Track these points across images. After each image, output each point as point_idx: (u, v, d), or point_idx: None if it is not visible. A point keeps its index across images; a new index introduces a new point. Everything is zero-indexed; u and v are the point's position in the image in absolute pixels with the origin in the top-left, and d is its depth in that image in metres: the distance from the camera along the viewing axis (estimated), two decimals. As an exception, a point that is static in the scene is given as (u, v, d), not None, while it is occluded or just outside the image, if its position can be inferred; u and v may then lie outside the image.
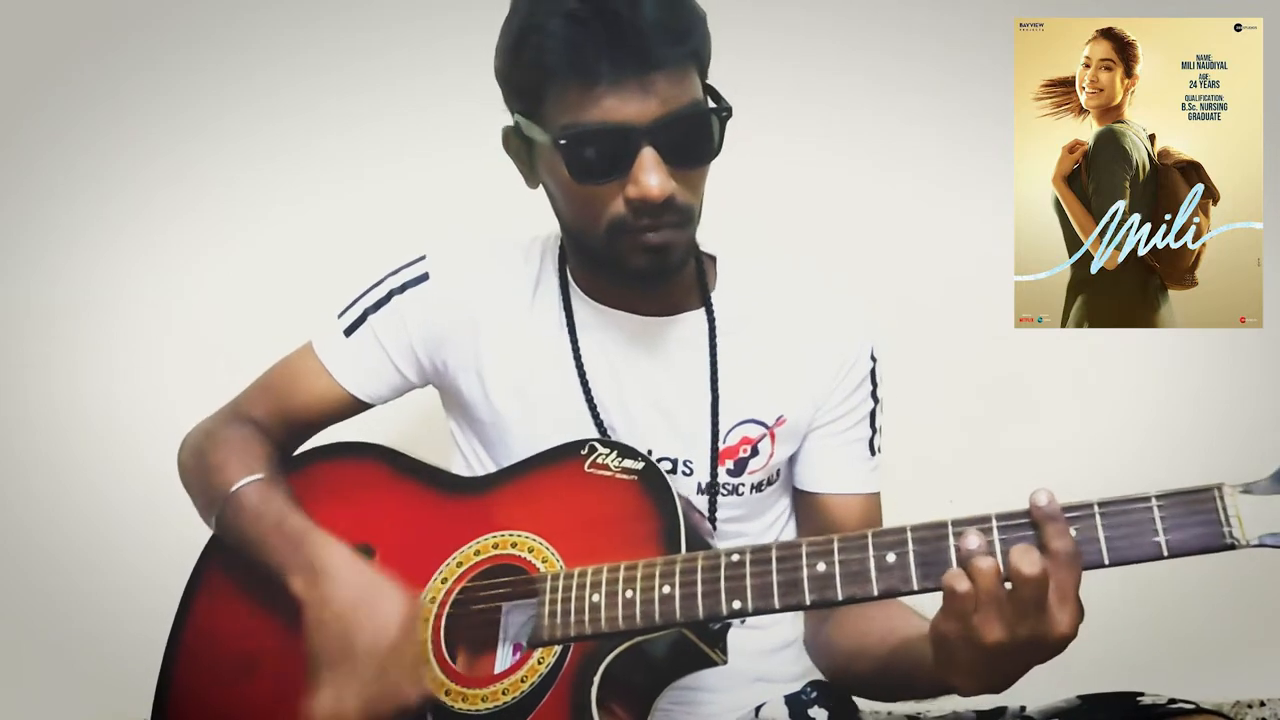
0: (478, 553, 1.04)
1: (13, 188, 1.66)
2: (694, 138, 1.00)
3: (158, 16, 1.64)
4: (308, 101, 1.65)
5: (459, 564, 1.04)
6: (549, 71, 0.97)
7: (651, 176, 0.97)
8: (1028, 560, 0.79)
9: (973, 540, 0.80)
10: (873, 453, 1.18)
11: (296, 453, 1.21)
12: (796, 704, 1.14)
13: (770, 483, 1.17)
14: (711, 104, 1.03)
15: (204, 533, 1.18)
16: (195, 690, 1.11)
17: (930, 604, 0.86)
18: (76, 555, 1.68)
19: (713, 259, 1.19)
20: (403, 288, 1.17)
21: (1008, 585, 0.79)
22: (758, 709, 1.15)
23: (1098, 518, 0.80)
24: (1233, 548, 0.78)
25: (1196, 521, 0.78)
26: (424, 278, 1.17)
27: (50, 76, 1.65)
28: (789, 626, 1.21)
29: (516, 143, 1.09)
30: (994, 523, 0.82)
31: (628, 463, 1.01)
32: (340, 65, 1.64)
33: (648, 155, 0.97)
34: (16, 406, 1.68)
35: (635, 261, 1.03)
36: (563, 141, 0.98)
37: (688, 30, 0.99)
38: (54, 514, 1.68)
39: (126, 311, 1.68)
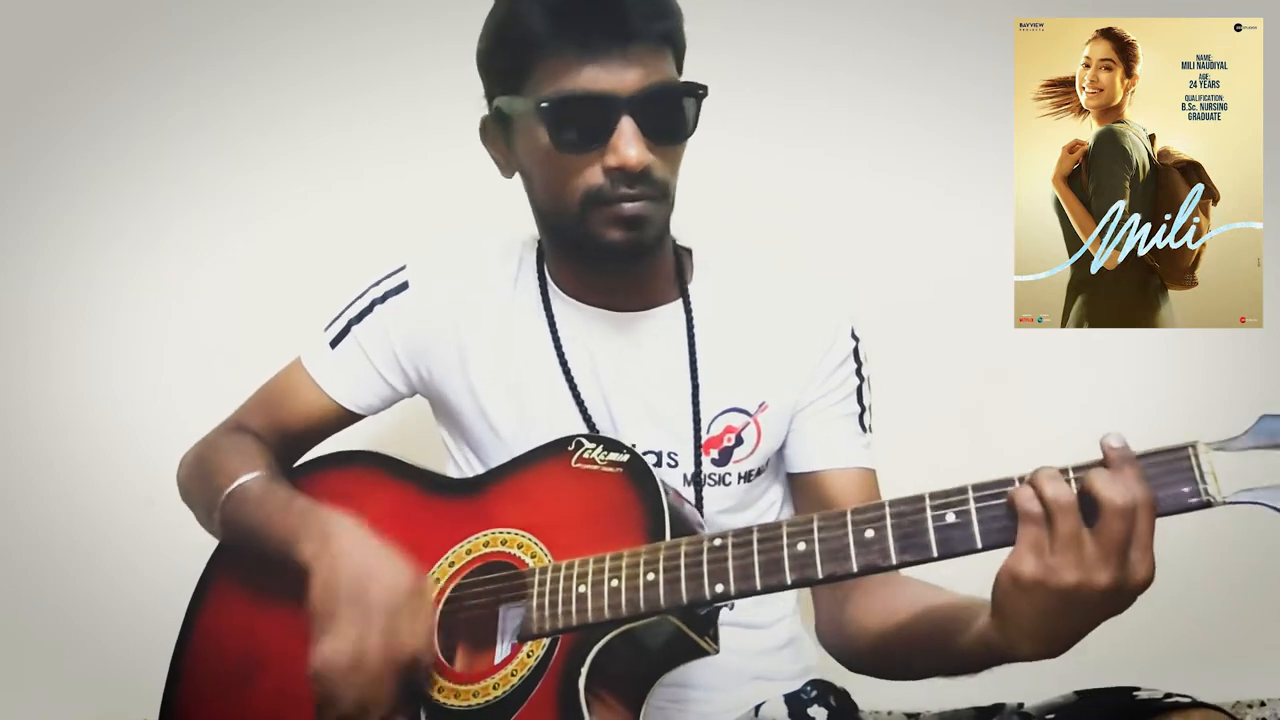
0: (469, 551, 1.05)
1: (13, 188, 1.66)
2: (671, 113, 1.03)
3: (157, 18, 1.64)
4: (308, 103, 1.65)
5: (451, 563, 1.05)
6: (534, 43, 1.01)
7: (630, 146, 1.00)
8: (1117, 489, 0.76)
9: (1048, 471, 0.78)
10: (864, 429, 1.18)
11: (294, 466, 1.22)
12: (796, 703, 1.14)
13: (759, 472, 1.17)
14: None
15: (204, 532, 1.18)
16: (201, 695, 1.12)
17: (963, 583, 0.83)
18: (76, 555, 1.68)
19: (689, 252, 1.20)
20: (384, 297, 1.19)
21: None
22: (757, 708, 1.15)
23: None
24: (1208, 505, 0.77)
25: (1172, 480, 0.78)
26: (404, 286, 1.19)
27: (51, 77, 1.65)
28: (788, 625, 1.21)
29: (494, 129, 1.11)
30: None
31: (613, 455, 1.02)
32: (341, 67, 1.64)
33: (626, 125, 1.00)
34: (17, 406, 1.68)
35: (610, 235, 1.04)
36: (544, 105, 1.01)
37: (664, 10, 1.04)
38: (54, 513, 1.68)
39: (127, 311, 1.69)
